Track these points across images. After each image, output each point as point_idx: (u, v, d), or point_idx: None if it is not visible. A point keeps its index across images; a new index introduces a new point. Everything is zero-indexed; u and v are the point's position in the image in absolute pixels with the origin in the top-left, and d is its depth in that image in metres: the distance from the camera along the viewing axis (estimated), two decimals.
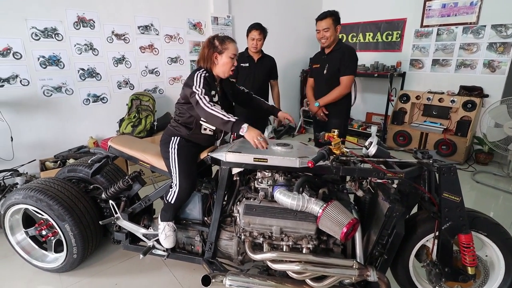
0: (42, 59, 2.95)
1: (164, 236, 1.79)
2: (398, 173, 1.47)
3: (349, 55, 2.62)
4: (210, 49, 1.75)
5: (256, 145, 1.51)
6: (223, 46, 1.74)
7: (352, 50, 2.66)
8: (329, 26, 2.56)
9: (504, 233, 1.53)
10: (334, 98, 2.67)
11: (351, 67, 2.64)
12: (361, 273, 1.42)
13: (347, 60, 2.62)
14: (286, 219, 1.54)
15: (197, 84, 1.65)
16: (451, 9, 4.20)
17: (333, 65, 2.66)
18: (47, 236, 2.00)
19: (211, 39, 1.77)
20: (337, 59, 2.62)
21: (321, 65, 2.75)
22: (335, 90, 2.66)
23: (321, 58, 2.79)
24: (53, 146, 3.14)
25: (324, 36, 2.60)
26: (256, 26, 2.88)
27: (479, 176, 3.71)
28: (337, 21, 2.60)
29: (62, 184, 1.93)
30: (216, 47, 1.74)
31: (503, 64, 3.89)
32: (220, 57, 1.75)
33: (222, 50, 1.74)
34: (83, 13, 3.11)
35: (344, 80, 2.64)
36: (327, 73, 2.70)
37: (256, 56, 3.01)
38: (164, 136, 1.86)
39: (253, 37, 2.89)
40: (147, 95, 3.55)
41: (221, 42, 1.74)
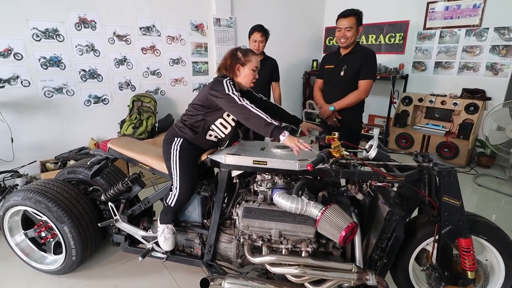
0: (43, 60, 2.96)
1: (163, 239, 1.79)
2: (398, 176, 1.46)
3: (371, 58, 2.47)
4: (233, 60, 1.76)
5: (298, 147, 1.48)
6: (246, 58, 1.76)
7: (374, 54, 2.51)
8: (352, 25, 2.38)
9: (504, 237, 1.52)
10: (351, 102, 2.48)
11: (372, 72, 2.48)
12: (360, 277, 1.41)
13: (369, 64, 2.45)
14: (285, 222, 1.54)
15: (230, 89, 1.63)
16: (454, 11, 4.18)
17: (352, 68, 2.48)
18: (46, 238, 2.00)
19: (234, 51, 1.79)
20: (357, 62, 2.45)
21: (337, 66, 2.56)
22: (353, 94, 2.48)
23: (336, 58, 2.58)
24: (54, 147, 3.14)
25: (345, 35, 2.41)
26: (258, 28, 2.87)
27: (481, 179, 3.69)
28: (360, 21, 2.43)
29: (61, 185, 1.94)
30: (239, 58, 1.76)
31: (506, 67, 3.88)
32: (243, 69, 1.76)
33: (245, 62, 1.76)
34: (85, 14, 3.12)
35: (363, 84, 2.46)
36: (344, 75, 2.51)
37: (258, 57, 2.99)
38: (168, 136, 1.84)
39: (255, 39, 2.88)
40: (148, 96, 3.55)
41: (244, 55, 1.77)
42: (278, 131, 1.52)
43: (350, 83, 2.51)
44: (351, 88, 2.50)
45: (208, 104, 1.71)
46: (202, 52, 4.20)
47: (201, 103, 1.75)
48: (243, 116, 1.59)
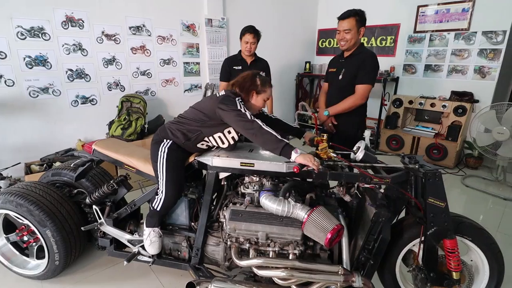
0: (28, 59, 2.89)
1: (149, 242, 1.76)
2: (385, 178, 1.47)
3: (370, 61, 2.31)
4: (252, 85, 1.73)
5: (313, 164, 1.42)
6: (263, 88, 1.74)
7: (374, 57, 2.34)
8: (351, 27, 2.25)
9: (488, 238, 1.54)
10: (346, 108, 2.37)
11: (370, 76, 2.32)
12: (347, 279, 1.41)
13: (367, 67, 2.30)
14: (272, 225, 1.52)
15: (242, 107, 1.59)
16: (444, 15, 4.24)
17: (349, 71, 2.36)
18: (28, 242, 1.95)
19: (254, 76, 1.75)
20: (356, 65, 2.33)
21: (338, 69, 2.46)
22: (348, 99, 2.35)
23: (338, 61, 2.50)
24: (40, 149, 3.07)
25: (344, 38, 2.29)
26: (250, 30, 2.84)
27: (469, 180, 3.74)
28: (361, 22, 2.28)
29: (44, 188, 1.89)
30: (257, 85, 1.73)
31: (493, 70, 3.94)
32: (256, 96, 1.74)
33: (260, 91, 1.74)
34: (72, 12, 3.06)
35: (360, 89, 2.32)
36: (342, 79, 2.41)
37: (249, 59, 2.98)
38: (157, 136, 1.79)
39: (247, 41, 2.85)
40: (138, 97, 3.51)
41: (262, 84, 1.74)
42: (289, 148, 1.47)
43: (348, 87, 2.39)
44: (349, 92, 2.39)
45: (212, 115, 1.65)
46: (194, 53, 4.17)
47: (205, 112, 1.68)
48: (252, 132, 1.53)
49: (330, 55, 5.66)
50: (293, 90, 5.88)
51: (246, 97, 1.73)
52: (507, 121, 3.19)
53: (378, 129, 4.81)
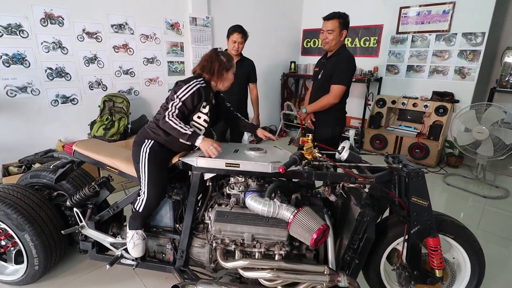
0: (5, 57, 2.77)
1: (133, 245, 1.72)
2: (369, 178, 1.48)
3: (345, 62, 2.37)
4: (221, 65, 1.73)
5: (207, 154, 1.58)
6: (230, 64, 1.77)
7: (350, 58, 2.39)
8: (334, 28, 2.34)
9: (469, 236, 1.58)
10: (321, 106, 2.45)
11: (344, 76, 2.36)
12: (332, 278, 1.41)
13: (342, 68, 2.36)
14: (257, 226, 1.52)
15: (182, 94, 1.62)
16: (425, 16, 4.34)
17: (327, 71, 2.44)
18: (6, 246, 1.87)
19: (216, 55, 1.75)
20: (333, 65, 2.40)
21: (320, 69, 2.56)
22: (323, 98, 2.43)
23: (321, 62, 2.61)
24: (18, 150, 2.96)
25: (327, 38, 2.38)
26: (238, 29, 2.84)
27: (450, 178, 3.84)
28: (344, 25, 2.37)
29: (22, 191, 1.82)
30: (224, 63, 1.75)
31: (473, 71, 4.07)
32: (226, 74, 1.77)
33: (229, 68, 1.77)
34: (51, 9, 2.96)
35: (334, 89, 2.38)
36: (320, 78, 2.51)
37: (235, 58, 2.92)
38: (138, 138, 1.77)
39: (235, 40, 2.85)
40: (121, 96, 3.43)
41: (228, 60, 1.77)
42: (193, 138, 1.58)
43: (325, 87, 2.46)
44: (324, 92, 2.46)
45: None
46: (178, 52, 4.11)
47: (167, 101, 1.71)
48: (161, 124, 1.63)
49: (315, 55, 5.71)
50: (279, 90, 5.89)
51: (220, 77, 1.75)
52: (486, 121, 3.29)
53: (362, 129, 4.88)
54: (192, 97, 1.63)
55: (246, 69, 3.04)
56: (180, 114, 1.62)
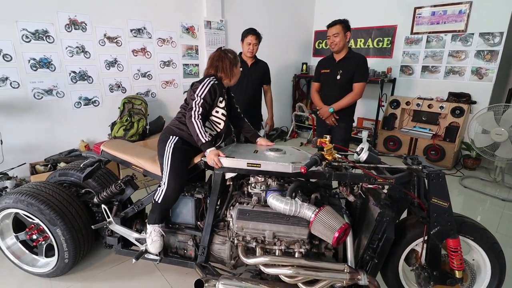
0: (32, 62, 2.91)
1: (151, 241, 1.79)
2: (389, 178, 1.51)
3: (363, 63, 2.76)
4: (231, 62, 1.89)
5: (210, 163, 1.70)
6: (236, 60, 1.93)
7: (366, 59, 2.80)
8: (338, 31, 2.69)
9: (490, 238, 1.57)
10: (347, 103, 2.80)
11: (365, 75, 2.80)
12: (352, 277, 1.44)
13: (362, 68, 2.76)
14: (279, 224, 1.56)
15: (201, 92, 1.76)
16: (441, 16, 4.31)
17: (347, 72, 2.77)
18: (37, 240, 1.97)
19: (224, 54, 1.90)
20: (352, 66, 2.75)
21: (333, 71, 2.84)
22: (349, 96, 2.79)
23: (332, 64, 2.87)
24: (44, 150, 3.09)
25: (334, 41, 2.72)
26: (252, 31, 2.92)
27: (466, 181, 3.80)
28: (346, 28, 2.72)
29: (53, 188, 1.92)
30: (232, 59, 1.90)
31: (490, 72, 4.01)
32: (236, 69, 1.94)
33: (236, 64, 1.93)
34: (75, 15, 3.09)
35: (358, 86, 2.77)
36: (340, 79, 2.80)
37: (250, 61, 3.04)
38: (163, 135, 1.88)
39: (249, 42, 2.92)
40: (139, 98, 3.53)
41: (234, 56, 1.92)
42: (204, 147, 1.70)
43: (346, 86, 2.81)
44: (346, 90, 2.81)
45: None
46: (193, 55, 4.20)
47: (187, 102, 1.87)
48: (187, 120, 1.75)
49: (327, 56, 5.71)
50: (290, 91, 5.93)
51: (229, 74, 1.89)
52: (505, 122, 3.25)
53: (376, 130, 4.86)
54: (209, 93, 1.77)
55: (260, 71, 3.11)
56: (204, 110, 1.75)
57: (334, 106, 2.83)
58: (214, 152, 1.67)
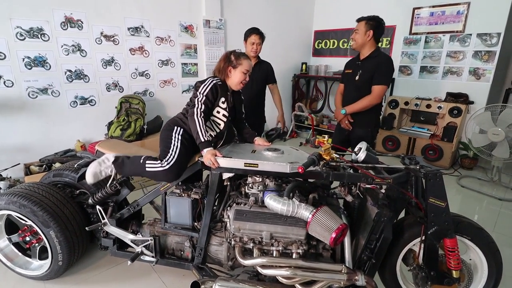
0: (27, 60, 2.88)
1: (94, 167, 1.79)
2: (386, 178, 1.50)
3: (386, 64, 2.49)
4: (226, 62, 1.91)
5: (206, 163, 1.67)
6: (238, 62, 1.89)
7: (390, 60, 2.52)
8: (359, 28, 2.50)
9: (487, 237, 1.57)
10: (363, 107, 2.54)
11: (385, 77, 2.49)
12: (350, 277, 1.43)
13: (383, 70, 2.48)
14: (276, 225, 1.54)
15: (203, 89, 1.80)
16: (439, 17, 4.31)
17: (366, 73, 2.53)
18: (31, 242, 1.94)
19: (228, 54, 1.94)
20: (372, 67, 2.49)
21: (354, 71, 2.63)
22: (365, 99, 2.52)
23: (355, 63, 2.65)
24: (39, 150, 3.06)
25: (354, 37, 2.55)
26: (255, 31, 2.85)
27: (464, 180, 3.80)
28: (371, 26, 2.46)
29: (47, 189, 1.89)
30: (231, 61, 1.91)
31: (488, 72, 4.01)
32: (234, 71, 1.90)
33: (236, 65, 1.89)
34: (71, 13, 3.05)
35: (376, 89, 2.48)
36: (359, 80, 2.57)
37: (253, 60, 2.93)
38: (167, 125, 1.89)
39: (253, 41, 2.86)
40: (137, 98, 3.51)
41: (237, 58, 1.90)
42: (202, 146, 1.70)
43: (364, 88, 2.54)
44: (365, 92, 2.54)
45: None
46: (192, 54, 4.18)
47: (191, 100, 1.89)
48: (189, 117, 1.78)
49: (326, 56, 5.72)
50: (290, 91, 5.91)
51: (226, 76, 1.92)
52: (502, 122, 3.25)
53: None
54: (211, 91, 1.80)
55: (264, 71, 3.04)
56: (206, 108, 1.79)
57: (346, 108, 2.61)
58: (211, 152, 1.66)
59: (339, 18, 5.34)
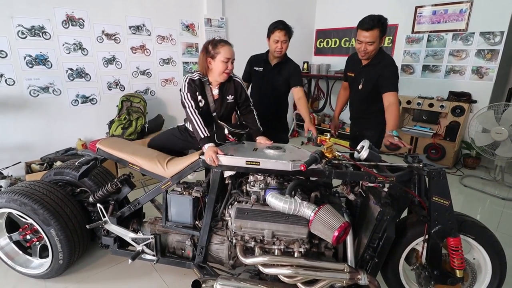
0: (28, 58, 2.88)
1: None
2: (389, 177, 1.48)
3: (390, 70, 2.26)
4: (204, 54, 1.86)
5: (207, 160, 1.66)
6: (215, 51, 1.83)
7: (394, 65, 2.29)
8: (374, 39, 2.14)
9: (491, 236, 1.56)
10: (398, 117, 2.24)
11: (394, 83, 2.26)
12: (352, 276, 1.42)
13: (390, 76, 2.25)
14: (278, 223, 1.53)
15: (183, 88, 1.86)
16: (441, 16, 4.28)
17: (369, 81, 2.33)
18: (31, 241, 1.94)
19: (206, 44, 1.87)
20: (376, 75, 2.27)
21: (357, 76, 2.43)
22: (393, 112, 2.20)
23: (358, 67, 2.41)
24: (40, 148, 3.05)
25: (366, 49, 2.19)
26: (280, 26, 2.39)
27: (467, 180, 3.78)
28: (384, 31, 2.19)
29: (47, 187, 1.88)
30: (209, 52, 1.84)
31: (491, 71, 3.98)
32: (214, 62, 1.85)
33: (214, 55, 1.83)
34: (72, 11, 3.05)
35: (391, 97, 2.23)
36: (363, 89, 2.38)
37: (274, 60, 2.58)
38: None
39: (277, 39, 2.40)
40: (138, 96, 3.50)
41: (214, 47, 1.83)
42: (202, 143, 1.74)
43: (369, 97, 2.40)
44: (369, 101, 2.41)
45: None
46: (193, 52, 4.17)
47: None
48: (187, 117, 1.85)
49: (328, 55, 5.69)
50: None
51: (207, 69, 1.90)
52: (505, 121, 3.23)
53: None
54: (189, 86, 1.87)
55: (286, 73, 2.59)
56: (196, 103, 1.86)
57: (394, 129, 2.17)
58: (212, 149, 1.64)
59: (340, 17, 5.32)
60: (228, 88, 2.01)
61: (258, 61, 2.64)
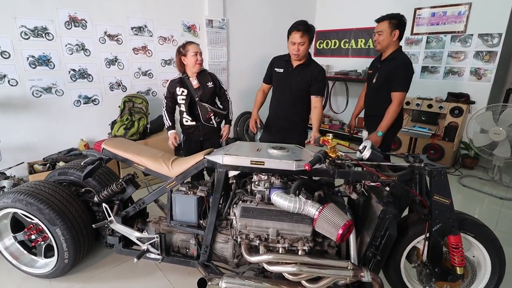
0: (31, 59, 2.89)
1: None
2: (391, 176, 1.51)
3: (403, 68, 2.33)
4: (178, 55, 2.42)
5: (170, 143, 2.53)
6: (185, 49, 2.37)
7: (408, 63, 2.36)
8: (383, 29, 2.38)
9: (490, 234, 1.60)
10: (391, 119, 2.37)
11: (404, 83, 2.34)
12: (356, 274, 1.44)
13: (401, 74, 2.33)
14: (282, 222, 1.56)
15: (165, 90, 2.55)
16: (440, 17, 4.32)
17: (382, 75, 2.41)
18: (36, 240, 1.95)
19: (178, 49, 2.42)
20: (389, 71, 2.37)
21: (374, 72, 2.55)
22: (389, 112, 2.36)
23: (375, 64, 2.56)
24: (42, 149, 3.07)
25: (377, 39, 2.43)
26: (298, 26, 2.27)
27: (465, 180, 3.82)
28: (395, 25, 2.35)
29: (52, 187, 1.90)
30: (181, 52, 2.39)
31: (489, 72, 4.03)
32: (186, 58, 2.39)
33: (185, 53, 2.38)
34: (75, 12, 3.07)
35: (396, 96, 2.33)
36: (375, 82, 2.48)
37: (296, 62, 2.46)
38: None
39: (293, 41, 2.31)
40: (140, 97, 3.52)
41: (183, 47, 2.39)
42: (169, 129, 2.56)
43: (380, 91, 2.45)
44: (380, 96, 2.45)
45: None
46: None
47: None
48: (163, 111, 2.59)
49: (327, 56, 5.73)
50: None
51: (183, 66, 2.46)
52: (503, 122, 3.27)
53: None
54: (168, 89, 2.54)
55: (307, 77, 2.45)
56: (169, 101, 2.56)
57: (380, 129, 2.37)
58: (173, 134, 2.51)
59: (340, 19, 5.35)
60: (206, 78, 2.52)
61: (280, 62, 2.58)
